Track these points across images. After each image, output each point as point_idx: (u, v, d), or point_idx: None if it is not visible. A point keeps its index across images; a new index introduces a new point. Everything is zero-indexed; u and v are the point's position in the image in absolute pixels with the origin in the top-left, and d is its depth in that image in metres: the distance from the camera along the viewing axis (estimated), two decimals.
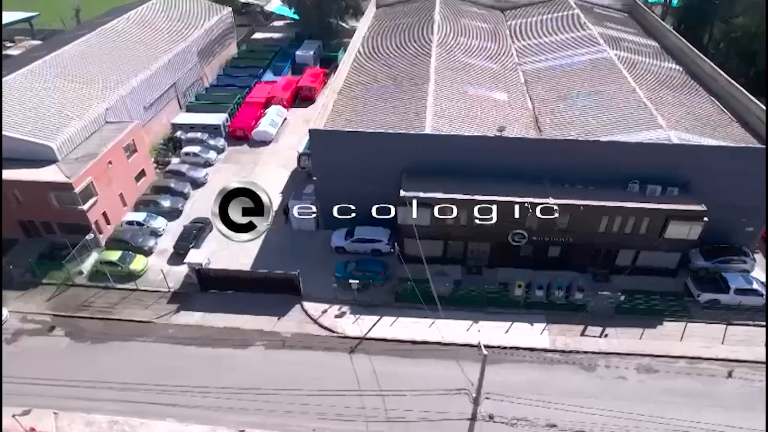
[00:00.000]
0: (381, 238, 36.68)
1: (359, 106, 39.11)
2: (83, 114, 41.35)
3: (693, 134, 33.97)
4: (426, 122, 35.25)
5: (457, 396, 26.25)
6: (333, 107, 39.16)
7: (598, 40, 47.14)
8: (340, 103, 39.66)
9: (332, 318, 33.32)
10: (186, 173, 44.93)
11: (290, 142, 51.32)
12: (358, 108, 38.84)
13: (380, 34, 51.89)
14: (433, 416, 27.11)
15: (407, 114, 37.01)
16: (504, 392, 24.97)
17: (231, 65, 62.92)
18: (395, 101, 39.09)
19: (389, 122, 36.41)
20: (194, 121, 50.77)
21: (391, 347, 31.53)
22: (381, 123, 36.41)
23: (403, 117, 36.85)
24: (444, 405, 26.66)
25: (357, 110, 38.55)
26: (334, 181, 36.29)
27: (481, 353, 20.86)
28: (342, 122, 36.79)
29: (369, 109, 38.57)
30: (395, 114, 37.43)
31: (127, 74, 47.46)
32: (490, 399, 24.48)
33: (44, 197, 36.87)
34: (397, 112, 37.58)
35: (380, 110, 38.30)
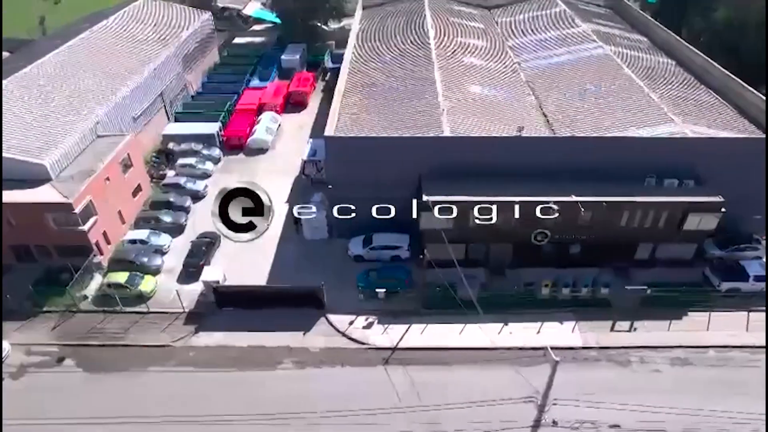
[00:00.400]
0: (401, 244, 36.03)
1: (367, 110, 38.27)
2: (73, 129, 39.05)
3: (703, 127, 34.65)
4: (443, 124, 34.78)
5: (507, 403, 26.14)
6: (340, 112, 38.16)
7: (592, 37, 47.75)
8: (346, 108, 38.70)
9: (360, 329, 32.48)
10: (185, 186, 43.06)
11: (288, 148, 50.06)
12: (366, 112, 37.99)
13: (374, 35, 51.11)
14: (485, 427, 26.55)
15: (421, 117, 36.43)
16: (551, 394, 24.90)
17: (214, 72, 60.89)
18: (405, 104, 38.45)
19: (403, 126, 35.75)
20: (186, 131, 48.75)
21: (425, 356, 30.92)
22: (395, 127, 35.72)
23: (417, 120, 36.25)
24: (497, 414, 26.35)
25: (366, 114, 37.70)
26: (350, 188, 35.30)
27: (551, 358, 20.50)
28: (354, 127, 35.87)
29: (379, 113, 37.79)
30: (407, 117, 36.79)
31: (113, 84, 45.16)
32: (534, 402, 24.45)
33: (40, 219, 34.59)
34: (409, 115, 36.94)
35: (391, 113, 37.57)
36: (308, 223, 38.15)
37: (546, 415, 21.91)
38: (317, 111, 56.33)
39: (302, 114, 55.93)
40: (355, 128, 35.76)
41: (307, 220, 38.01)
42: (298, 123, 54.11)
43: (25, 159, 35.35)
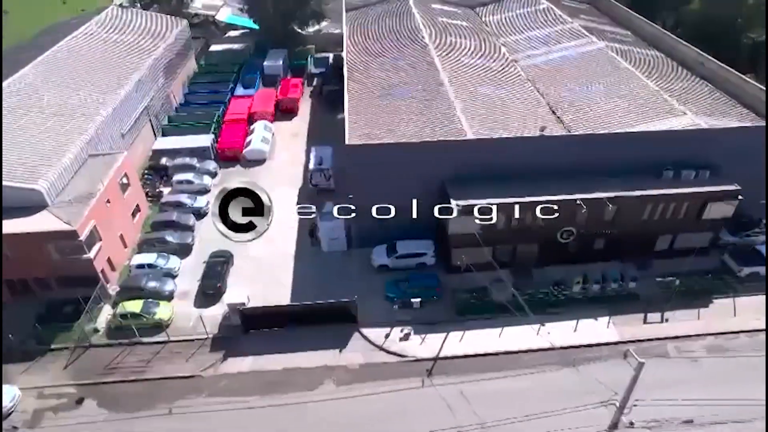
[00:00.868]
0: (426, 250, 35.34)
1: (380, 116, 37.36)
2: (65, 149, 36.33)
3: (713, 118, 35.62)
4: (464, 127, 34.37)
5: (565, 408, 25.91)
6: (350, 118, 37.05)
7: (583, 33, 48.49)
8: (358, 114, 37.63)
9: (398, 342, 31.61)
10: (186, 203, 40.87)
11: (285, 158, 48.51)
12: (379, 117, 37.07)
13: (367, 38, 50.17)
14: None
15: (437, 119, 35.86)
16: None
17: (195, 82, 58.27)
18: (417, 107, 37.77)
19: (420, 130, 35.07)
20: (178, 145, 46.38)
21: (469, 363, 30.39)
22: (412, 131, 35.00)
23: (434, 123, 35.66)
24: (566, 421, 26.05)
25: (379, 120, 36.78)
26: (370, 197, 34.39)
27: (634, 360, 20.33)
28: (370, 134, 34.88)
29: (392, 118, 36.95)
30: (423, 120, 36.14)
31: (99, 98, 42.37)
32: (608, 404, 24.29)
33: (40, 250, 32.01)
34: (424, 119, 36.30)
35: (404, 118, 36.81)
36: (326, 235, 36.92)
37: (624, 418, 21.81)
38: (309, 118, 54.96)
39: (294, 121, 54.34)
40: (372, 135, 34.78)
41: (325, 232, 36.79)
42: (291, 131, 52.52)
43: (19, 185, 32.58)
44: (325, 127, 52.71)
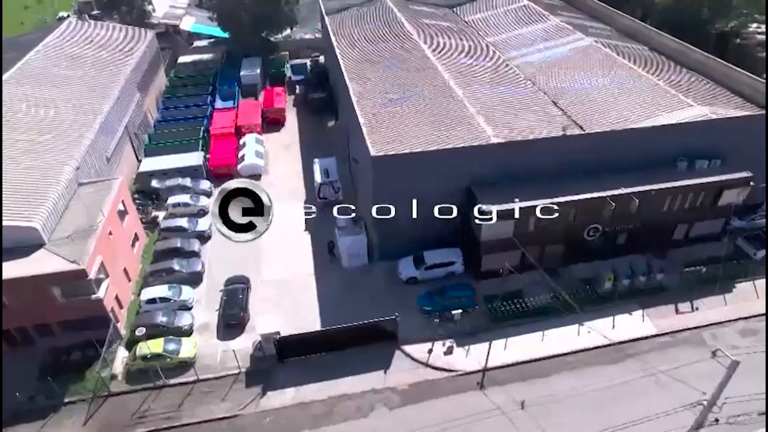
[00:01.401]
0: (455, 259, 34.52)
1: (392, 122, 36.17)
2: (54, 179, 32.95)
3: (717, 107, 36.69)
4: (486, 130, 33.80)
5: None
6: (367, 128, 35.66)
7: (569, 29, 49.11)
8: (369, 123, 36.24)
9: (442, 356, 30.64)
10: (188, 228, 38.15)
11: (282, 171, 46.45)
12: (393, 124, 35.87)
13: (356, 43, 48.76)
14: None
15: (455, 124, 35.10)
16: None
17: (169, 96, 54.85)
18: (429, 111, 36.85)
19: (440, 135, 34.18)
20: (167, 166, 43.36)
21: (519, 371, 29.88)
22: (433, 137, 34.05)
23: (452, 127, 34.86)
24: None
25: (394, 127, 35.58)
26: (395, 208, 33.34)
27: (724, 358, 20.27)
28: (392, 143, 33.64)
29: (406, 124, 35.87)
30: (440, 125, 35.26)
31: (80, 119, 38.91)
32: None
33: (43, 294, 28.88)
34: (441, 123, 35.44)
35: (420, 123, 35.82)
36: (347, 251, 35.41)
37: (711, 416, 21.83)
38: (297, 127, 52.94)
39: (282, 132, 52.21)
40: (393, 143, 33.56)
41: (346, 248, 35.28)
42: (282, 142, 50.39)
43: (11, 224, 29.17)
44: (317, 136, 51.06)
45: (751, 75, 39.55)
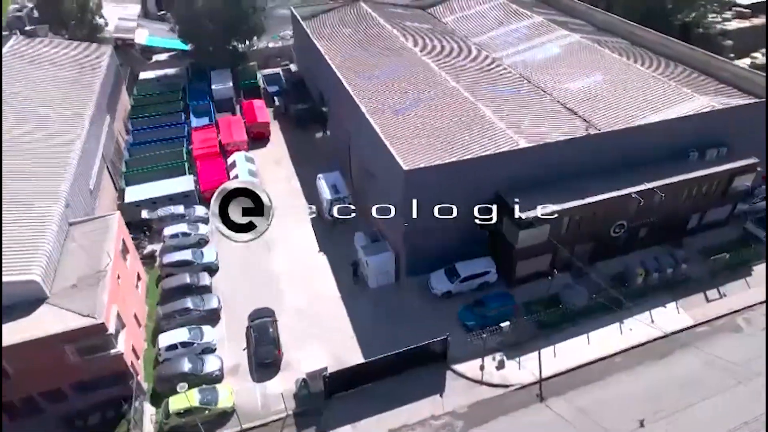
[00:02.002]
0: (489, 268, 33.53)
1: (409, 130, 34.71)
2: (44, 221, 28.98)
3: (719, 97, 37.72)
4: (510, 133, 33.03)
5: None
6: (388, 139, 33.87)
7: (552, 26, 49.36)
8: (387, 134, 34.47)
9: (495, 372, 29.57)
10: (194, 261, 34.94)
11: (278, 189, 43.56)
12: (415, 136, 34.38)
13: (341, 48, 46.82)
14: None
15: (475, 128, 34.10)
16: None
17: (136, 117, 50.46)
18: (444, 116, 35.64)
19: (467, 141, 33.07)
20: (155, 194, 39.63)
21: (574, 377, 29.32)
22: (457, 144, 32.90)
23: (473, 132, 33.85)
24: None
25: (414, 136, 34.13)
26: (424, 222, 31.94)
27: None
28: (417, 155, 32.16)
29: (424, 131, 34.53)
30: (459, 131, 34.12)
31: (58, 148, 34.71)
32: None
33: (54, 356, 25.18)
34: (459, 129, 34.31)
35: (438, 129, 34.57)
36: (376, 270, 33.58)
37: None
38: (284, 141, 50.21)
39: (269, 147, 49.36)
40: (420, 155, 32.09)
41: (376, 267, 33.46)
42: (271, 158, 47.57)
43: (10, 279, 25.26)
44: (306, 149, 48.65)
45: (727, 61, 41.13)
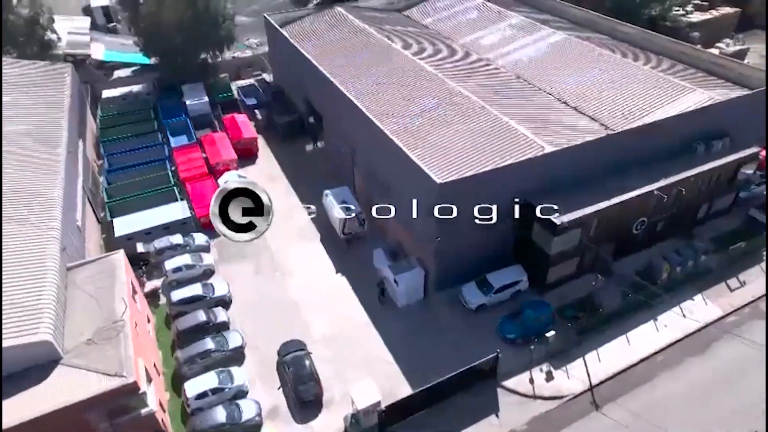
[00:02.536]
0: (520, 277, 32.70)
1: (428, 140, 33.34)
2: (43, 270, 25.51)
3: (716, 89, 38.62)
4: (532, 137, 32.30)
5: None
6: (410, 150, 32.31)
7: (536, 25, 49.30)
8: (411, 147, 32.85)
9: (546, 384, 28.73)
10: (206, 295, 32.09)
11: (279, 208, 40.35)
12: (430, 143, 33.05)
13: (329, 55, 44.81)
14: None
15: (495, 133, 33.17)
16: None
17: (107, 139, 46.32)
18: (458, 123, 34.51)
19: (484, 147, 32.09)
20: (148, 224, 36.28)
21: (620, 382, 28.91)
22: (480, 151, 31.87)
23: (492, 137, 32.91)
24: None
25: (434, 146, 32.78)
26: (454, 234, 30.78)
27: None
28: (445, 166, 30.85)
29: (443, 141, 33.27)
30: (478, 137, 33.11)
31: (41, 179, 31.05)
32: None
33: (76, 425, 22.02)
34: (477, 134, 33.30)
35: (455, 137, 33.41)
36: (405, 288, 32.01)
37: None
38: (273, 156, 47.55)
39: (259, 164, 46.61)
40: (446, 166, 30.78)
41: (406, 284, 31.89)
42: (265, 175, 44.75)
43: (13, 342, 21.89)
44: (299, 164, 46.31)
45: (708, 51, 42.38)
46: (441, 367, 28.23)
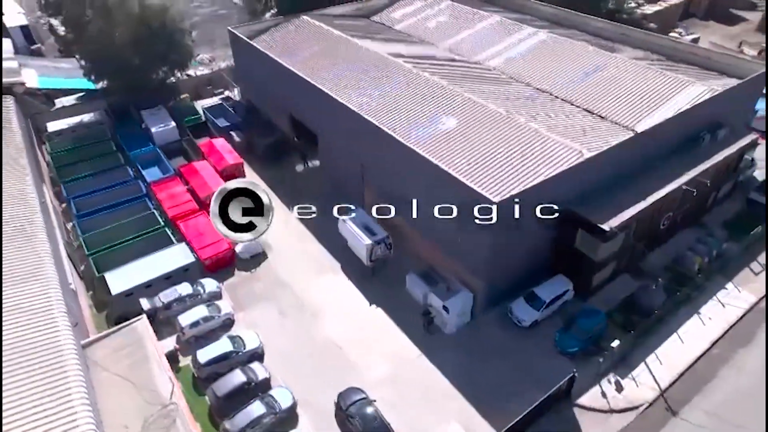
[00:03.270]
0: (567, 287, 31.67)
1: (456, 154, 31.50)
2: (59, 354, 21.02)
3: (710, 79, 39.67)
4: (567, 143, 31.35)
5: None
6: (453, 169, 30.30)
7: (517, 24, 48.72)
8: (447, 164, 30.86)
9: (618, 395, 27.81)
10: (238, 350, 28.35)
11: (287, 240, 37.69)
12: (459, 156, 31.24)
13: (318, 68, 41.80)
14: None
15: (526, 142, 31.92)
16: None
17: (69, 180, 40.31)
18: (482, 133, 32.94)
19: (522, 158, 30.77)
20: (148, 276, 31.69)
21: (685, 383, 28.55)
22: (517, 161, 30.52)
23: (524, 145, 31.66)
24: None
25: (466, 160, 31.02)
26: (504, 252, 29.29)
27: None
28: (487, 181, 29.16)
29: (472, 153, 31.58)
30: (506, 145, 31.74)
31: (28, 243, 25.97)
32: None
33: None
34: (508, 145, 31.91)
35: (483, 147, 31.85)
36: (456, 313, 29.97)
37: None
38: (263, 182, 43.49)
39: None
40: (492, 182, 29.10)
41: (458, 310, 29.88)
42: None
43: None
44: (292, 186, 42.71)
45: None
46: (512, 394, 26.84)
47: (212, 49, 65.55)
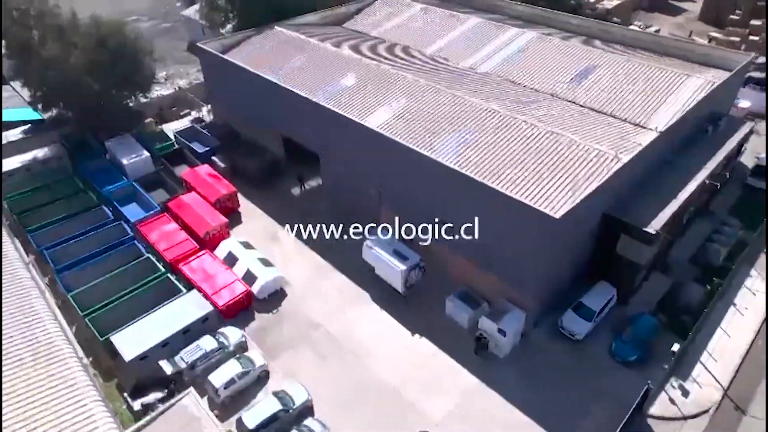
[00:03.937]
0: (611, 294, 30.87)
1: (492, 170, 29.89)
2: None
3: (704, 73, 40.35)
4: (603, 149, 30.45)
5: None
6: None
7: (501, 24, 47.73)
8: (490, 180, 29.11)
9: (685, 400, 27.23)
10: (288, 408, 25.18)
11: (305, 273, 34.62)
12: (497, 173, 29.66)
13: (310, 82, 39.03)
14: None
15: (562, 152, 30.76)
16: None
17: (32, 228, 35.09)
18: (516, 145, 31.51)
19: (560, 168, 29.61)
20: (163, 334, 27.66)
21: (744, 378, 28.39)
22: (555, 173, 29.31)
23: (558, 154, 30.52)
24: None
25: (505, 175, 29.48)
26: (552, 267, 28.10)
27: None
28: (536, 196, 27.73)
29: (507, 167, 30.10)
30: (540, 157, 30.53)
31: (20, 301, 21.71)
32: None
33: None
34: (539, 154, 30.69)
35: (515, 158, 30.51)
36: (511, 334, 28.29)
37: None
38: (259, 209, 40.00)
39: (247, 222, 38.92)
40: (538, 196, 27.69)
41: (511, 332, 28.23)
42: (262, 234, 37.41)
43: None
44: (296, 211, 39.52)
45: (666, 35, 44.82)
46: (582, 413, 25.90)
47: (164, 66, 60.33)
